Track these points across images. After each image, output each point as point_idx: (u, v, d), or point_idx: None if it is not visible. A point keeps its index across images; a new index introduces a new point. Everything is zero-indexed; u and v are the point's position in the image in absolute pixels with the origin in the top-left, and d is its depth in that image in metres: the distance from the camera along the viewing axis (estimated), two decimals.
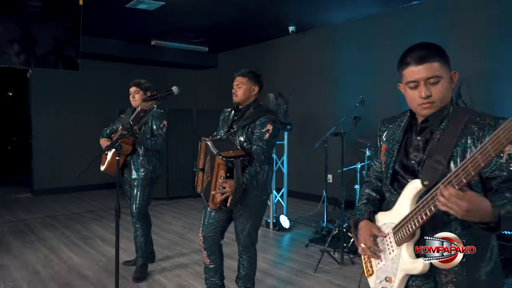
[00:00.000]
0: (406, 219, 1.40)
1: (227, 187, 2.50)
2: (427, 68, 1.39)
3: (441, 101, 1.42)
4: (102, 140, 3.83)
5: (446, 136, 1.39)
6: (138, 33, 7.62)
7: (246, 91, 2.85)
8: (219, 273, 2.99)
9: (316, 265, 3.88)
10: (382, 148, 1.63)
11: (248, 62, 8.69)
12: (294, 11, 6.28)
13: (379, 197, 1.68)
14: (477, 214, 1.20)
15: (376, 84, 6.17)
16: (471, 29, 5.27)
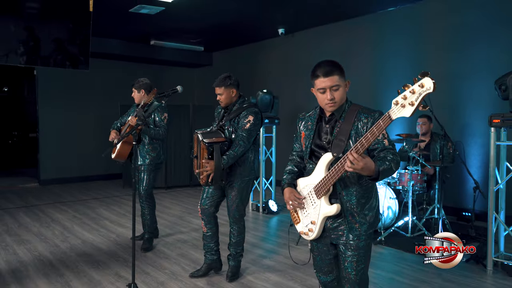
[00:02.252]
0: (323, 180, 2.04)
1: (208, 166, 3.20)
2: (331, 79, 2.04)
3: (340, 101, 2.07)
4: (112, 132, 4.42)
5: (345, 123, 2.05)
6: (138, 33, 8.20)
7: (227, 96, 3.44)
8: (214, 240, 3.61)
9: (298, 239, 4.50)
10: (302, 134, 2.27)
11: (241, 61, 9.31)
12: (282, 14, 6.89)
13: (298, 170, 2.34)
14: (367, 170, 1.83)
15: (357, 83, 6.79)
16: (440, 34, 5.91)
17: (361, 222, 2.06)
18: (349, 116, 2.06)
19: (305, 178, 2.20)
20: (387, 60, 6.58)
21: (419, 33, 6.17)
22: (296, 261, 3.98)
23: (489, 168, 3.75)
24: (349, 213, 2.05)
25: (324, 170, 2.05)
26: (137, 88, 4.34)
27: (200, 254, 4.19)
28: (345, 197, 2.05)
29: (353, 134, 2.02)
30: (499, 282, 3.52)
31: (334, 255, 2.19)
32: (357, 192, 2.05)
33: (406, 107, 1.67)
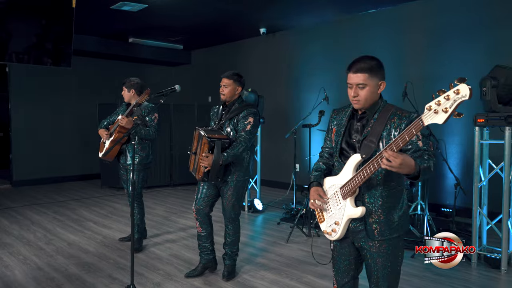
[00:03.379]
0: (350, 180, 2.02)
1: (206, 161, 3.22)
2: (357, 77, 2.00)
3: (365, 100, 2.01)
4: (100, 130, 4.34)
5: (377, 123, 1.99)
6: (117, 31, 8.04)
7: (232, 90, 3.47)
8: (210, 240, 3.60)
9: (288, 236, 4.57)
10: (333, 130, 2.23)
11: (221, 60, 9.28)
12: (265, 14, 6.92)
13: (326, 168, 2.29)
14: (406, 167, 1.75)
15: (337, 82, 6.92)
16: (419, 36, 6.10)
17: (385, 226, 2.00)
18: (382, 116, 2.00)
19: (332, 177, 2.16)
20: None
21: (398, 35, 6.34)
22: (293, 259, 4.03)
23: (474, 166, 3.91)
24: (370, 217, 2.00)
25: (352, 171, 2.00)
26: (127, 87, 4.27)
27: (192, 253, 4.17)
28: (368, 200, 2.01)
29: (384, 135, 1.96)
30: (484, 274, 3.68)
31: (355, 257, 2.15)
32: (382, 195, 1.99)
33: (439, 114, 1.60)
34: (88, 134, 8.75)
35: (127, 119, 3.95)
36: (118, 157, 4.33)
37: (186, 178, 8.39)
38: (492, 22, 5.45)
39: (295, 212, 5.56)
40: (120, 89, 4.41)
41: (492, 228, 3.99)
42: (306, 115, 5.57)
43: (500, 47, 5.37)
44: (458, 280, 3.54)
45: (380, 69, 2.05)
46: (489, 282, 3.52)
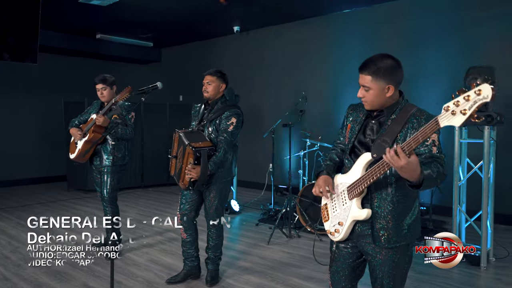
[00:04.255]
0: (358, 180, 1.93)
1: (193, 173, 3.07)
2: (362, 78, 1.93)
3: (371, 103, 1.93)
4: (72, 129, 4.08)
5: (395, 124, 1.89)
6: (84, 26, 7.70)
7: (216, 88, 3.34)
8: (194, 246, 3.45)
9: (269, 238, 4.49)
10: (348, 126, 2.14)
11: (192, 58, 9.10)
12: (238, 12, 6.80)
13: (339, 160, 2.19)
14: (409, 171, 1.65)
15: (312, 83, 6.92)
16: (393, 37, 6.17)
17: (394, 233, 1.89)
18: (400, 116, 1.88)
19: (341, 175, 2.07)
20: (342, 61, 6.74)
21: (372, 35, 6.39)
22: (276, 261, 3.95)
23: (453, 165, 3.96)
24: (378, 222, 1.90)
25: (361, 171, 1.91)
26: (109, 85, 4.01)
27: (171, 258, 4.01)
28: (378, 204, 1.90)
29: (401, 137, 1.84)
30: (464, 271, 3.72)
31: (356, 262, 2.04)
32: (393, 201, 1.88)
33: (456, 115, 1.50)
34: (53, 133, 8.33)
35: (103, 118, 3.75)
36: (91, 158, 4.11)
37: (157, 179, 8.16)
38: (465, 23, 5.58)
39: (273, 213, 5.49)
40: (89, 86, 4.16)
41: (470, 226, 4.06)
42: (285, 114, 5.51)
43: (473, 48, 5.50)
44: (439, 278, 3.56)
45: (390, 72, 1.91)
46: (469, 279, 3.57)
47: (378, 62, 1.90)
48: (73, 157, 4.08)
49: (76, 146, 4.06)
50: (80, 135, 4.00)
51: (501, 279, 3.53)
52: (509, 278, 3.53)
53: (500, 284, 3.44)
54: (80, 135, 3.99)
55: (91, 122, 3.97)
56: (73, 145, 4.14)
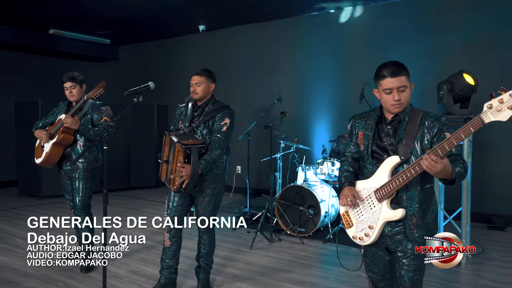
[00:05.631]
0: (387, 183, 2.01)
1: (183, 171, 2.86)
2: (398, 80, 2.00)
3: (406, 103, 2.06)
4: (37, 131, 3.75)
5: (410, 126, 2.04)
6: (35, 20, 7.15)
7: (205, 88, 3.18)
8: (176, 257, 3.24)
9: (251, 243, 4.39)
10: (359, 135, 2.21)
11: (152, 57, 8.78)
12: (204, 11, 6.64)
13: (354, 170, 2.28)
14: (445, 173, 1.83)
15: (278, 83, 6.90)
16: (361, 39, 6.30)
17: (421, 230, 2.02)
18: (413, 119, 2.04)
19: (363, 180, 2.14)
20: (310, 63, 6.79)
21: (341, 38, 6.49)
22: (263, 266, 3.85)
23: None
24: (410, 219, 2.01)
25: (388, 173, 2.02)
26: (79, 83, 3.70)
27: (152, 268, 3.81)
28: (407, 202, 2.01)
29: (419, 138, 2.00)
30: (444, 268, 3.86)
31: (389, 261, 2.15)
32: (419, 198, 2.00)
33: (502, 111, 1.64)
34: (0, 135, 7.68)
35: (72, 118, 3.46)
36: (59, 163, 3.79)
37: (119, 184, 7.76)
38: (429, 29, 5.81)
39: (249, 216, 5.40)
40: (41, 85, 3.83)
41: (448, 225, 4.22)
42: (261, 116, 5.43)
43: (438, 53, 5.74)
44: None
45: (408, 71, 2.07)
46: (452, 276, 3.69)
47: (401, 64, 2.04)
48: (39, 162, 3.74)
49: (42, 149, 3.73)
50: (46, 136, 3.66)
51: (482, 275, 3.68)
52: (488, 274, 3.70)
53: (482, 280, 3.58)
54: (46, 137, 3.66)
55: (59, 123, 3.66)
56: (39, 148, 3.80)
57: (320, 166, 4.93)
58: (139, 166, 7.97)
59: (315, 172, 5.02)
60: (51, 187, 6.97)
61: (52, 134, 3.67)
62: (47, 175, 6.90)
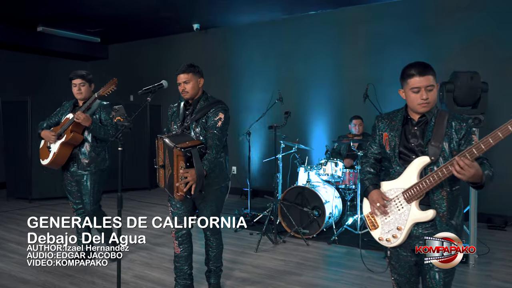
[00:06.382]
0: (417, 184, 1.99)
1: (188, 176, 2.69)
2: (427, 79, 2.01)
3: (433, 102, 2.05)
4: (43, 132, 3.66)
5: (438, 127, 2.03)
6: (23, 17, 6.93)
7: (195, 85, 3.00)
8: (189, 262, 3.12)
9: (257, 245, 4.31)
10: (384, 135, 2.19)
11: (144, 56, 8.62)
12: (200, 10, 6.53)
13: (376, 172, 2.27)
14: (476, 177, 1.84)
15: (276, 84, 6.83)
16: (359, 39, 6.29)
17: (452, 229, 2.01)
18: (440, 120, 2.04)
19: (390, 181, 2.12)
20: (306, 63, 6.74)
21: (338, 37, 6.47)
22: (272, 269, 3.77)
23: None
24: (438, 220, 2.01)
25: (417, 174, 2.01)
26: (88, 81, 3.66)
27: (158, 273, 3.70)
28: (437, 203, 2.00)
29: (447, 139, 2.00)
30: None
31: (415, 263, 2.12)
32: (447, 199, 2.00)
33: None
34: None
35: (85, 115, 3.39)
36: (67, 164, 3.69)
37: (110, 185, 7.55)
38: (427, 30, 5.83)
39: (250, 218, 5.32)
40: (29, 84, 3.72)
41: None
42: (260, 116, 5.36)
43: (436, 53, 5.75)
44: None
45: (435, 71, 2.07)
46: (461, 277, 3.67)
47: (427, 64, 2.04)
48: (46, 163, 3.64)
49: (49, 150, 3.63)
50: (54, 136, 3.55)
51: (491, 275, 3.68)
52: (497, 274, 3.70)
53: (492, 280, 3.58)
54: (54, 137, 3.54)
55: (67, 122, 3.56)
56: (45, 149, 3.69)
57: (323, 167, 4.88)
58: (132, 167, 7.79)
59: (317, 173, 4.97)
60: (40, 189, 6.77)
61: (60, 134, 3.56)
62: (37, 177, 6.70)
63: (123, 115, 2.68)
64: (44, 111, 6.79)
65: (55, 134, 3.57)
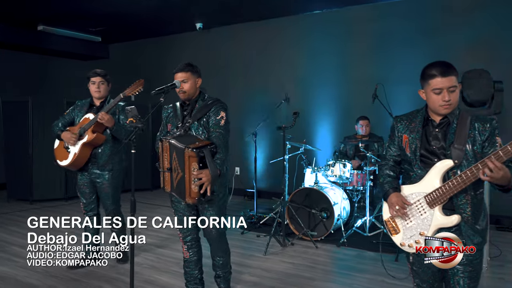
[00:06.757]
0: (440, 188, 1.94)
1: (203, 177, 2.56)
2: (449, 79, 1.94)
3: (455, 104, 1.98)
4: (64, 133, 3.60)
5: (460, 129, 1.97)
6: (23, 16, 6.82)
7: (192, 85, 2.88)
8: (199, 266, 3.05)
9: (265, 248, 4.24)
10: (403, 137, 2.12)
11: (146, 56, 8.53)
12: (201, 8, 6.45)
13: (396, 175, 2.21)
14: (505, 179, 1.79)
15: (280, 83, 6.77)
16: (364, 39, 6.23)
17: (475, 236, 1.96)
18: (462, 121, 1.97)
19: (411, 185, 2.06)
20: (310, 61, 6.67)
21: (343, 37, 6.41)
22: (282, 273, 3.71)
23: None
24: (463, 225, 1.95)
25: (439, 178, 1.95)
26: (107, 80, 3.68)
27: (167, 277, 3.63)
28: (461, 208, 1.94)
29: (470, 141, 1.94)
30: None
31: (438, 268, 2.06)
32: (472, 203, 1.94)
33: None
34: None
35: (109, 116, 3.37)
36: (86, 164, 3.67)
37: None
38: (432, 29, 5.77)
39: (257, 220, 5.25)
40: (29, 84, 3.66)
41: None
42: (266, 116, 5.30)
43: (439, 54, 5.70)
44: None
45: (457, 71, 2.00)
46: None
47: (450, 64, 1.98)
48: (66, 164, 3.61)
49: (68, 151, 3.61)
50: (75, 138, 3.51)
51: (504, 278, 3.64)
52: (511, 277, 3.65)
53: (506, 283, 3.54)
54: (75, 139, 3.51)
55: (87, 122, 3.52)
56: (61, 150, 3.67)
57: (331, 168, 4.81)
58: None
59: (325, 174, 4.90)
60: (42, 190, 6.67)
61: (80, 134, 3.53)
62: (38, 178, 6.60)
63: (136, 116, 2.60)
64: (45, 111, 6.72)
65: (76, 135, 3.53)
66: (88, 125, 3.51)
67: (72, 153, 3.57)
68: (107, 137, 3.59)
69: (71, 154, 3.58)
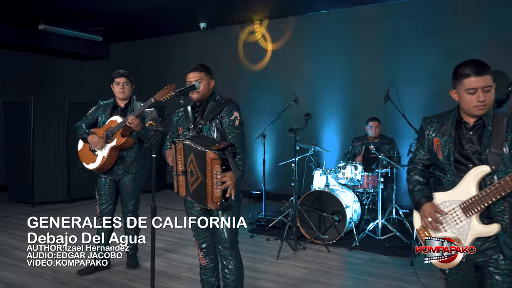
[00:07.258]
0: (478, 196, 1.85)
1: (228, 180, 2.42)
2: (484, 79, 1.84)
3: (490, 104, 1.89)
4: (91, 137, 3.53)
5: (496, 132, 1.88)
6: (24, 15, 6.70)
7: (206, 85, 2.78)
8: (216, 273, 2.92)
9: (278, 253, 4.16)
10: (434, 141, 2.03)
11: (148, 55, 8.42)
12: (207, 8, 6.36)
13: (426, 181, 2.10)
14: None
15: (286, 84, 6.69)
16: (371, 39, 6.16)
17: None
18: (498, 123, 1.87)
19: (444, 192, 1.96)
20: (317, 62, 6.60)
21: (350, 37, 6.34)
22: (297, 278, 3.62)
23: None
24: (501, 234, 1.86)
25: (475, 185, 1.86)
26: (131, 81, 3.66)
27: (183, 284, 3.54)
28: (499, 216, 1.86)
29: (507, 145, 1.85)
30: None
31: (475, 278, 1.99)
32: (510, 210, 1.86)
33: None
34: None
35: (138, 120, 3.34)
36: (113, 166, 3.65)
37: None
38: (440, 29, 5.72)
39: (265, 223, 5.17)
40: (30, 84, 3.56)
41: None
42: (276, 117, 5.21)
43: (447, 54, 5.64)
44: None
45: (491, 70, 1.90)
46: None
47: (484, 62, 1.88)
48: (94, 167, 3.58)
49: (95, 154, 3.57)
50: (103, 142, 3.47)
51: None
52: None
53: None
54: (103, 142, 3.46)
55: (115, 125, 3.45)
56: (87, 152, 3.62)
57: (342, 170, 4.74)
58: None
59: (335, 176, 4.83)
60: (43, 192, 6.55)
61: (108, 137, 3.49)
62: (39, 180, 6.48)
63: (156, 119, 2.50)
64: (46, 112, 6.60)
65: (104, 139, 3.49)
66: (116, 128, 3.45)
67: (100, 156, 3.55)
68: (134, 140, 3.57)
69: (99, 157, 3.55)
